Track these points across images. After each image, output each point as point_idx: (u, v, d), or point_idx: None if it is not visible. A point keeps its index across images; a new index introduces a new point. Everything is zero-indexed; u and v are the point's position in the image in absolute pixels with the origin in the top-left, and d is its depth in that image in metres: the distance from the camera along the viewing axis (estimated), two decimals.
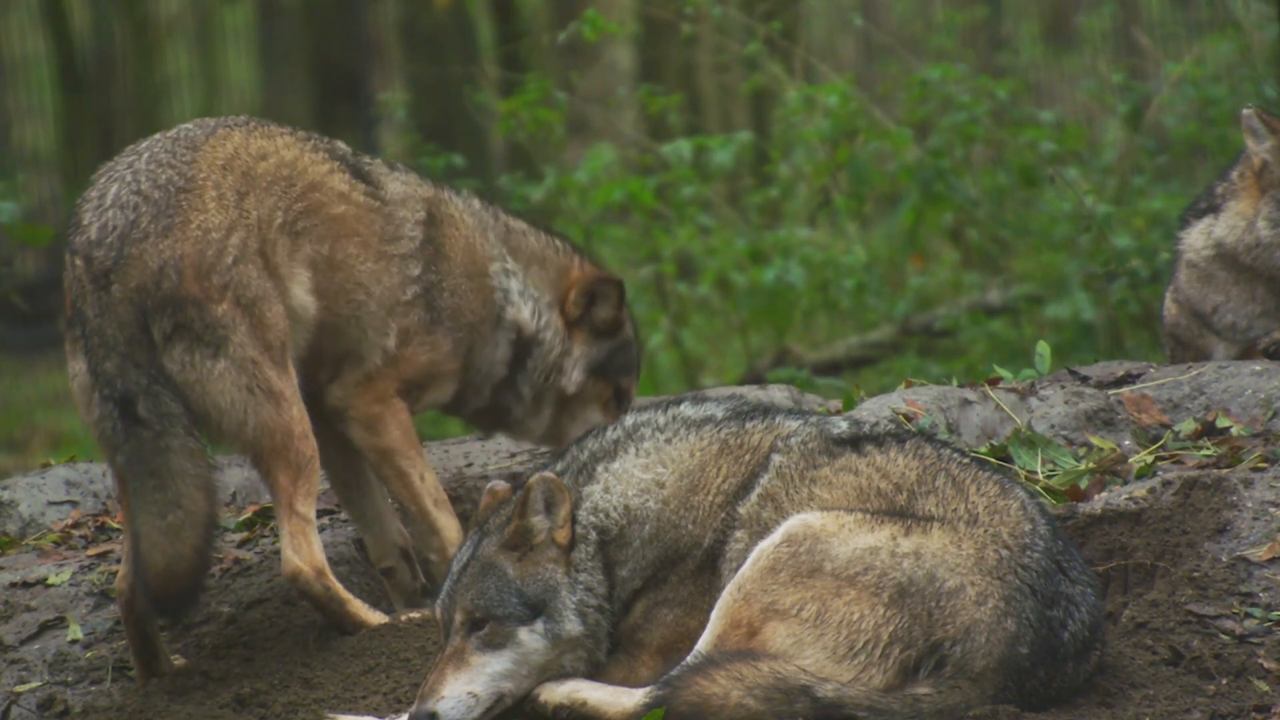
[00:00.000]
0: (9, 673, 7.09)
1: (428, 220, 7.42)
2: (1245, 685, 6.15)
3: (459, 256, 7.45)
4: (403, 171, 7.49)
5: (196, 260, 6.94)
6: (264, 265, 7.04)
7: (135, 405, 6.87)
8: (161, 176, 7.05)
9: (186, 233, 6.96)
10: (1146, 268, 13.21)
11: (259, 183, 7.10)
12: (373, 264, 7.26)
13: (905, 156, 14.51)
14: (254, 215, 7.06)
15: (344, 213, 7.24)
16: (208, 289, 6.94)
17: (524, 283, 7.57)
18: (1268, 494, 6.78)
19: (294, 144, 7.24)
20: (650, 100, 15.22)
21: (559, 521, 6.12)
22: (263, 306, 7.00)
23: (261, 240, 7.05)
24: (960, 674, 5.85)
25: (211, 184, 7.03)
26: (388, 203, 7.36)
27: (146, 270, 6.92)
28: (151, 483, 6.84)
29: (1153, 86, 15.18)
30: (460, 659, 6.03)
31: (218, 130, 7.19)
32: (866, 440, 6.20)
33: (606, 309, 7.64)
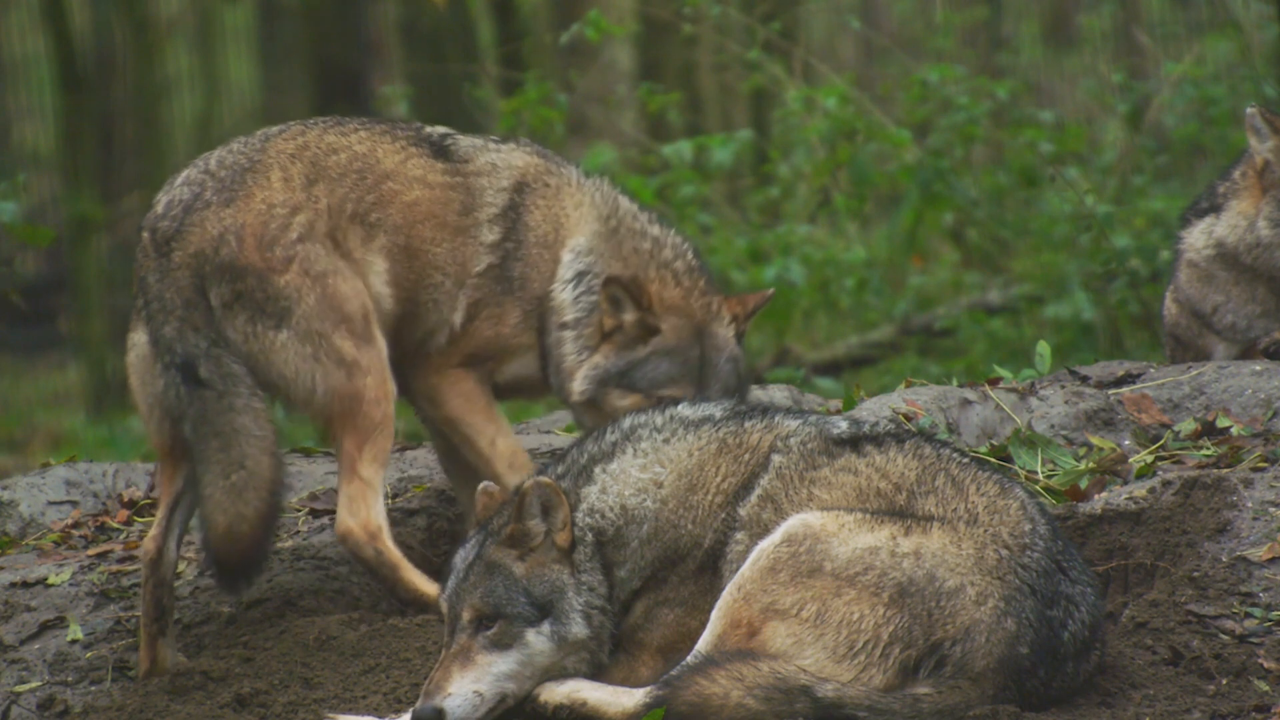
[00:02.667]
0: (9, 673, 7.09)
1: (515, 187, 7.35)
2: (1245, 685, 6.15)
3: (540, 226, 7.37)
4: (511, 145, 7.43)
5: (258, 231, 6.98)
6: (334, 248, 7.05)
7: (197, 368, 6.91)
8: (230, 159, 7.16)
9: (249, 205, 7.03)
10: (1146, 268, 13.21)
11: (329, 173, 7.14)
12: (449, 243, 7.24)
13: (905, 156, 14.52)
14: (323, 202, 7.09)
15: (419, 197, 7.22)
16: (270, 260, 6.96)
17: (590, 270, 7.40)
18: (1268, 494, 6.78)
19: (368, 137, 7.25)
20: (650, 99, 15.22)
21: (557, 524, 6.12)
22: (336, 280, 7.02)
23: (331, 226, 7.07)
24: (960, 674, 5.85)
25: (278, 166, 7.10)
26: (469, 175, 7.32)
27: (206, 236, 6.99)
28: (215, 443, 6.87)
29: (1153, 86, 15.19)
30: (467, 657, 6.03)
31: (292, 127, 7.26)
32: (866, 440, 6.20)
33: (627, 312, 7.42)
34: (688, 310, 7.50)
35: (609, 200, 7.49)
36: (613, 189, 7.54)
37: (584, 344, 7.43)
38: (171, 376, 6.95)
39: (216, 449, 6.88)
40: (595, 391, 7.42)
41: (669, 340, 7.46)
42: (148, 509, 8.31)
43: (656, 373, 7.44)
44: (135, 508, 8.31)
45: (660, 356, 7.45)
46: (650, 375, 7.43)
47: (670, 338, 7.46)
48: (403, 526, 7.71)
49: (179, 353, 6.93)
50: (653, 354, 7.44)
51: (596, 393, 7.42)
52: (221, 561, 6.88)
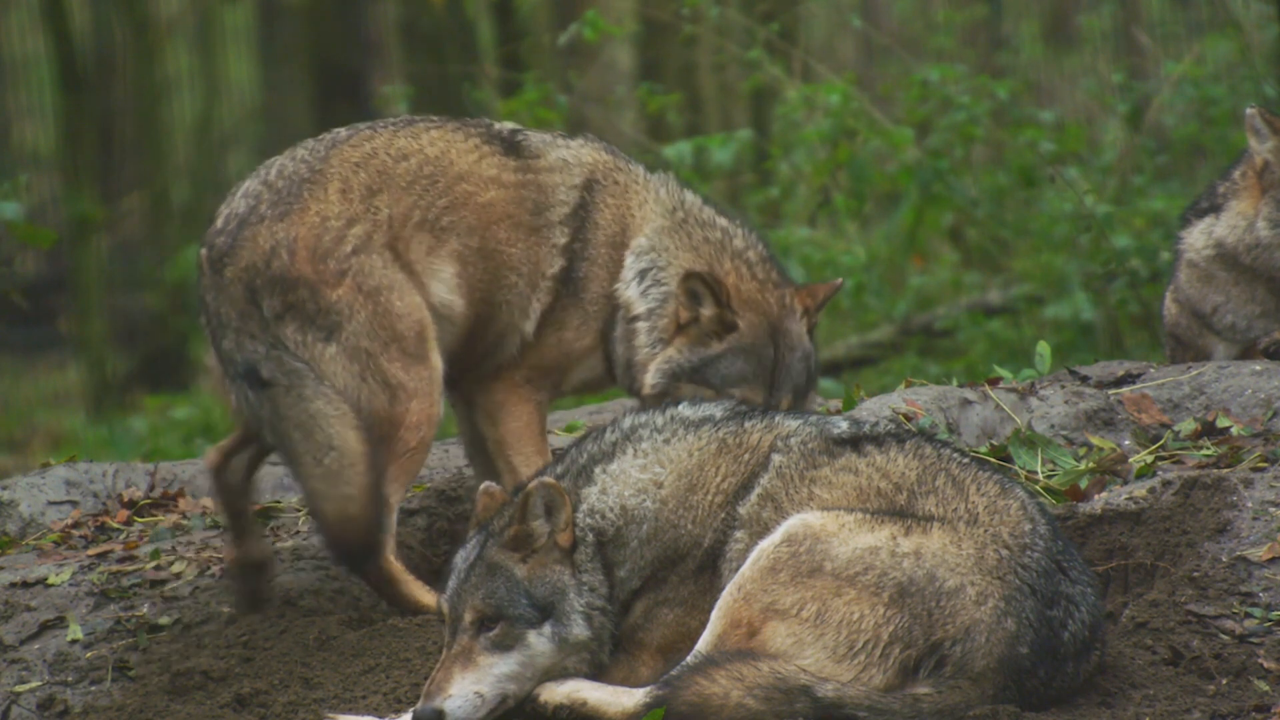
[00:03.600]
0: (9, 673, 7.09)
1: (585, 185, 7.32)
2: (1245, 685, 6.15)
3: (609, 225, 7.34)
4: (580, 141, 7.40)
5: (311, 243, 6.97)
6: (393, 260, 7.03)
7: (259, 371, 6.92)
8: (290, 169, 7.13)
9: (303, 218, 7.01)
10: (1146, 268, 13.21)
11: (397, 181, 7.10)
12: (523, 243, 7.22)
13: (905, 156, 14.52)
14: (385, 213, 7.07)
15: (493, 198, 7.19)
16: (322, 272, 6.95)
17: (655, 265, 7.34)
18: (1268, 494, 6.78)
19: (440, 139, 7.21)
20: (650, 99, 15.22)
21: (560, 525, 6.12)
22: (390, 296, 6.99)
23: (391, 237, 7.04)
24: (960, 674, 5.85)
25: (339, 177, 7.07)
26: (540, 172, 7.28)
27: (257, 250, 6.98)
28: (297, 435, 6.87)
29: (1153, 86, 15.19)
30: (468, 658, 6.03)
31: (363, 130, 7.22)
32: (866, 440, 6.20)
33: (706, 306, 7.33)
34: (763, 305, 7.42)
35: (674, 195, 7.45)
36: (678, 184, 7.51)
37: (657, 336, 7.36)
38: (238, 387, 6.97)
39: (300, 440, 6.87)
40: (667, 385, 7.35)
41: (745, 338, 7.39)
42: (148, 509, 8.31)
43: (730, 370, 7.36)
44: (135, 508, 8.31)
45: (735, 354, 7.38)
46: (724, 372, 7.36)
47: (746, 335, 7.38)
48: (403, 527, 7.71)
49: (239, 361, 6.94)
50: (728, 351, 7.37)
51: (669, 387, 7.35)
52: (343, 547, 6.86)
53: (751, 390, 7.34)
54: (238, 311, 6.93)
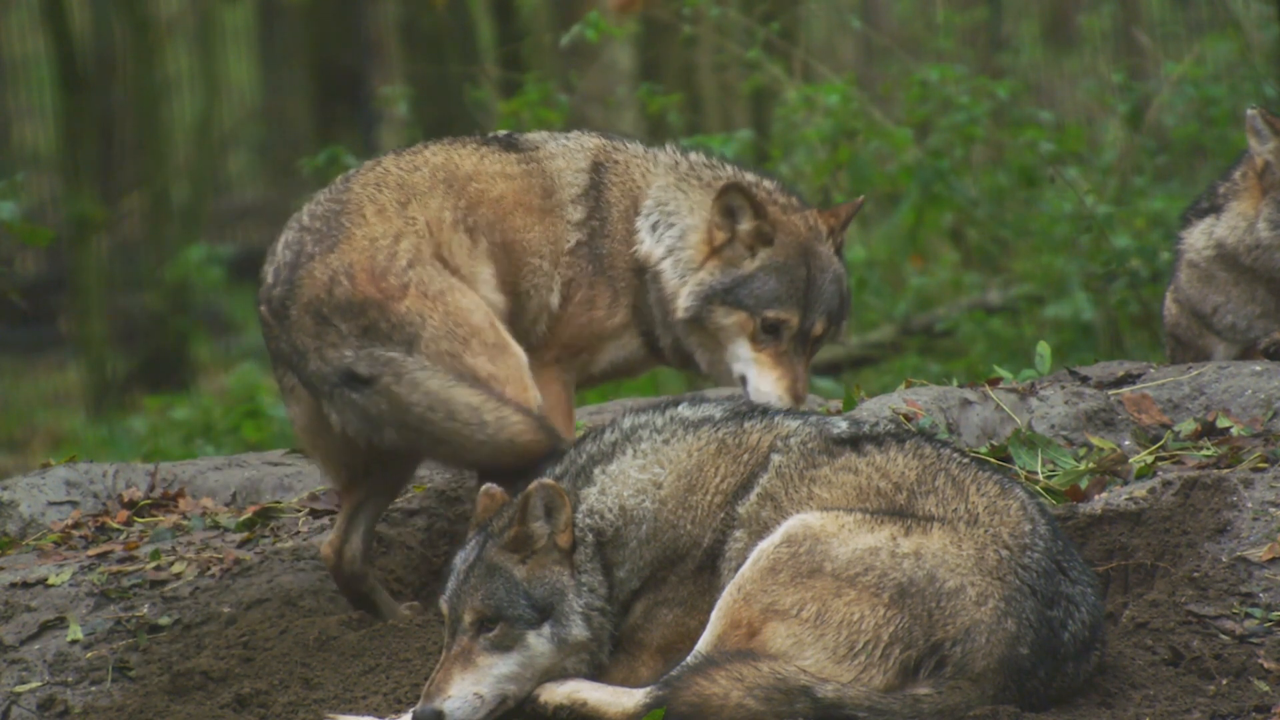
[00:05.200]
0: (9, 673, 7.09)
1: (592, 167, 7.37)
2: (1245, 685, 6.15)
3: (620, 201, 7.36)
4: (572, 133, 7.46)
5: (368, 265, 7.02)
6: (444, 266, 7.06)
7: (356, 370, 6.92)
8: (320, 209, 7.19)
9: (352, 244, 7.06)
10: (1146, 268, 13.20)
11: (418, 189, 7.17)
12: (539, 225, 7.26)
13: (905, 156, 14.51)
14: (421, 220, 7.12)
15: (503, 190, 7.24)
16: (386, 289, 6.99)
17: (664, 213, 7.35)
18: (1268, 494, 6.78)
19: (440, 150, 7.30)
20: (650, 100, 15.22)
21: (560, 526, 6.12)
22: (455, 295, 7.02)
23: (436, 244, 7.09)
24: (960, 674, 5.85)
25: (368, 200, 7.13)
26: (543, 160, 7.34)
27: (317, 283, 7.02)
28: (439, 414, 6.85)
29: (1153, 86, 15.18)
30: (467, 659, 6.03)
31: (366, 163, 7.31)
32: (866, 440, 6.20)
33: (744, 220, 7.30)
34: (792, 225, 7.39)
35: (674, 155, 7.50)
36: (678, 148, 7.54)
37: (685, 267, 7.34)
38: (342, 397, 6.96)
39: (444, 418, 6.84)
40: (700, 308, 7.31)
41: (778, 255, 7.34)
42: (148, 509, 8.31)
43: (764, 289, 7.31)
44: (135, 508, 8.31)
45: (769, 272, 7.33)
46: (757, 292, 7.31)
47: (779, 253, 7.33)
48: (403, 527, 7.71)
49: (331, 370, 6.96)
50: (760, 269, 7.33)
51: (701, 309, 7.31)
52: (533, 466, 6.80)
53: (786, 310, 7.30)
54: (312, 335, 6.97)
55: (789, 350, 7.30)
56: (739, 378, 7.33)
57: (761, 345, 7.31)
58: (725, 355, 7.35)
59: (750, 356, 7.30)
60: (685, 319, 7.32)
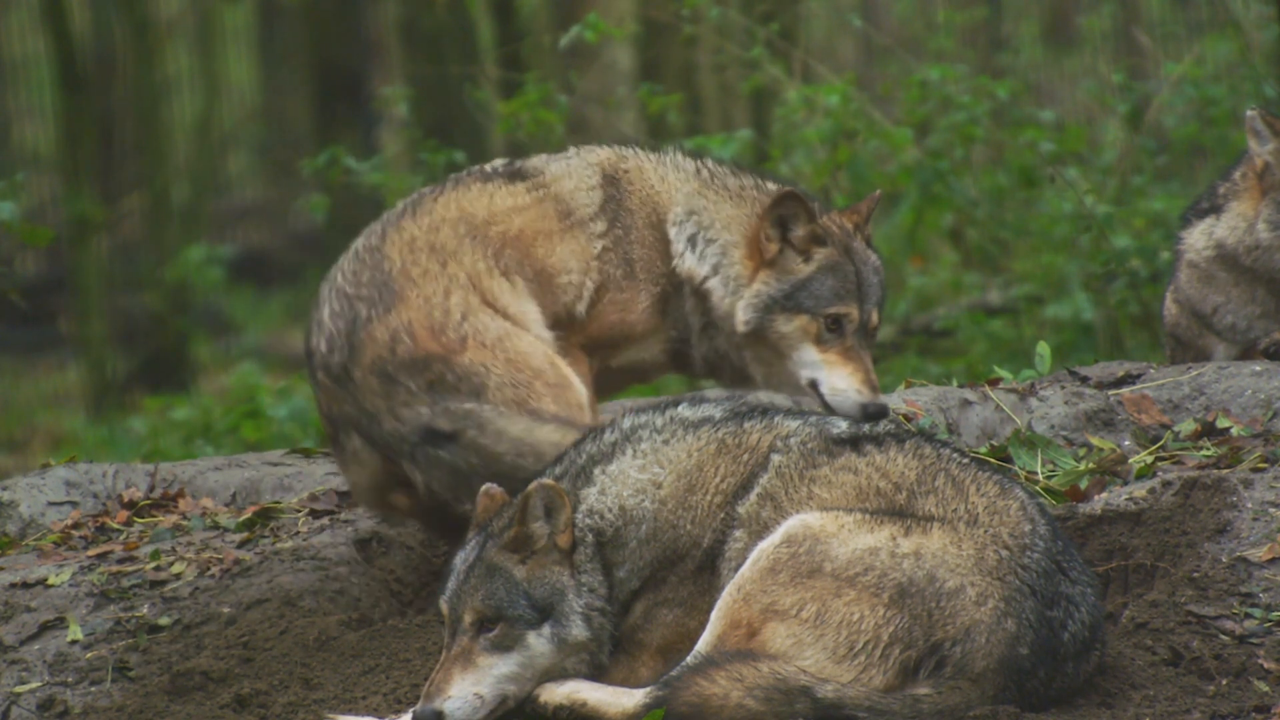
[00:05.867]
0: (9, 673, 7.09)
1: (605, 180, 7.38)
2: (1245, 686, 6.15)
3: (640, 209, 7.37)
4: (573, 151, 7.47)
5: (426, 322, 7.08)
6: (496, 314, 7.10)
7: (437, 428, 6.99)
8: (363, 275, 7.23)
9: (407, 304, 7.12)
10: (1146, 268, 13.21)
11: (448, 249, 7.20)
12: (561, 245, 7.27)
13: (905, 157, 14.51)
14: (462, 275, 7.17)
15: (522, 223, 7.28)
16: (447, 344, 7.05)
17: (700, 226, 7.37)
18: (1268, 494, 6.78)
19: (449, 199, 7.31)
20: (650, 100, 15.22)
21: (560, 526, 6.13)
22: (512, 341, 7.09)
23: (481, 294, 7.13)
24: (960, 674, 5.85)
25: (410, 262, 7.18)
26: (551, 183, 7.36)
27: (378, 343, 7.09)
28: (530, 459, 6.87)
29: (1153, 86, 15.18)
30: (467, 659, 6.03)
31: (381, 229, 7.31)
32: (866, 440, 6.20)
33: (799, 227, 7.31)
34: (830, 227, 7.43)
35: (690, 161, 7.51)
36: (687, 153, 7.55)
37: (735, 284, 7.36)
38: (426, 455, 7.02)
39: (535, 461, 6.85)
40: (761, 319, 7.31)
41: (831, 255, 7.37)
42: (148, 509, 8.31)
43: (823, 289, 7.32)
44: (135, 508, 8.31)
45: (824, 272, 7.34)
46: (816, 292, 7.32)
47: (832, 253, 7.35)
48: (403, 527, 7.71)
49: (409, 431, 7.01)
50: (817, 270, 7.34)
51: (762, 320, 7.31)
52: None
53: (845, 305, 7.32)
54: (381, 395, 7.04)
55: (854, 345, 7.33)
56: (808, 383, 7.31)
57: (827, 345, 7.32)
58: (789, 364, 7.36)
59: (818, 359, 7.31)
60: (746, 332, 7.34)
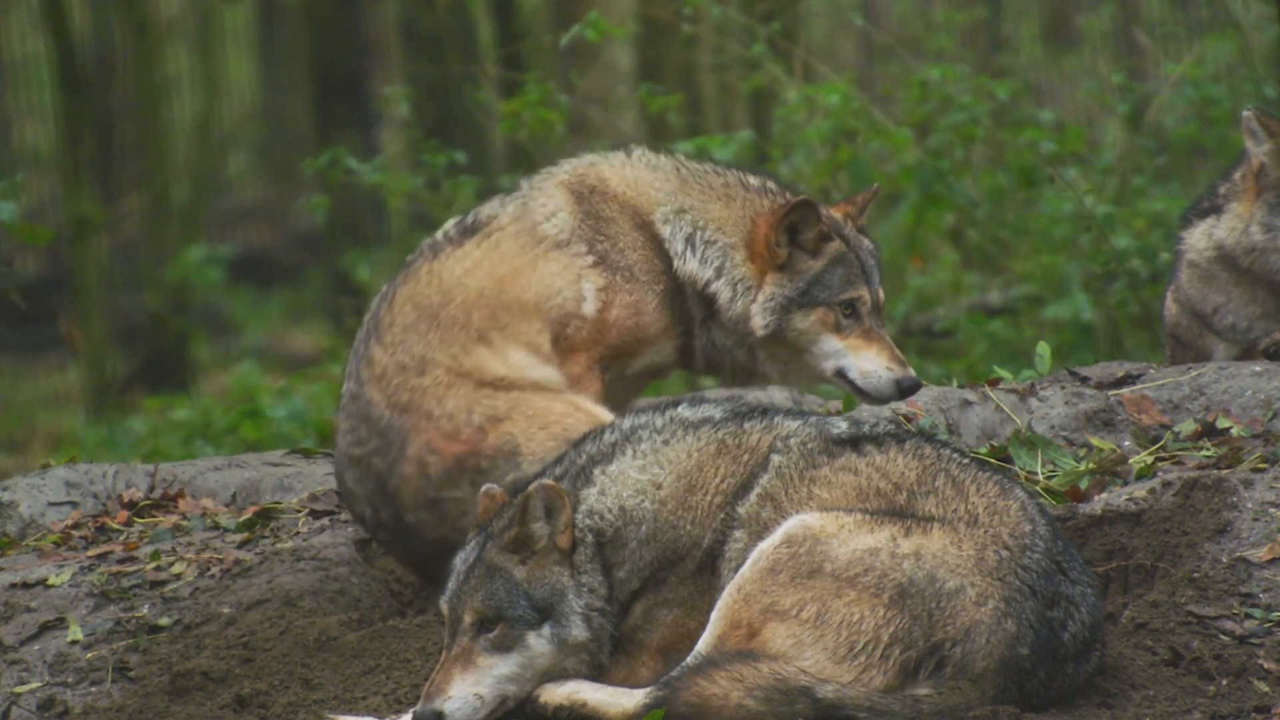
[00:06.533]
0: (9, 673, 7.09)
1: (572, 198, 7.36)
2: (1245, 686, 6.15)
3: (620, 213, 7.35)
4: (524, 184, 7.45)
5: (439, 436, 7.13)
6: (493, 388, 7.13)
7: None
8: (362, 432, 7.25)
9: (414, 432, 7.15)
10: (1146, 268, 13.21)
11: (417, 357, 7.21)
12: (539, 274, 7.27)
13: (905, 157, 14.51)
14: (442, 374, 7.18)
15: (481, 278, 7.28)
16: (469, 439, 7.11)
17: (695, 226, 7.38)
18: (1268, 495, 6.78)
19: (402, 300, 7.30)
20: (650, 100, 15.21)
21: (560, 527, 6.13)
22: (524, 400, 7.12)
23: (470, 377, 7.17)
24: (960, 675, 5.85)
25: (392, 393, 7.20)
26: (508, 225, 7.35)
27: (411, 481, 7.15)
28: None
29: (1153, 87, 15.18)
30: (467, 659, 6.04)
31: (360, 368, 7.30)
32: (866, 440, 6.20)
33: (811, 230, 7.35)
34: (831, 220, 7.51)
35: (661, 158, 7.50)
36: (659, 151, 7.55)
37: (742, 286, 7.38)
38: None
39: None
40: (779, 320, 7.34)
41: (838, 247, 7.41)
42: (148, 510, 8.31)
43: (834, 280, 7.37)
44: (135, 508, 8.31)
45: (833, 265, 7.38)
46: (830, 284, 7.36)
47: (838, 245, 7.41)
48: None
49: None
50: (827, 264, 7.39)
51: (780, 322, 7.35)
52: None
53: (856, 290, 7.38)
54: (439, 521, 7.13)
55: (871, 326, 7.39)
56: (835, 373, 7.35)
57: (846, 331, 7.36)
58: (810, 358, 7.40)
59: (840, 346, 7.35)
60: (765, 336, 7.36)
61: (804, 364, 7.41)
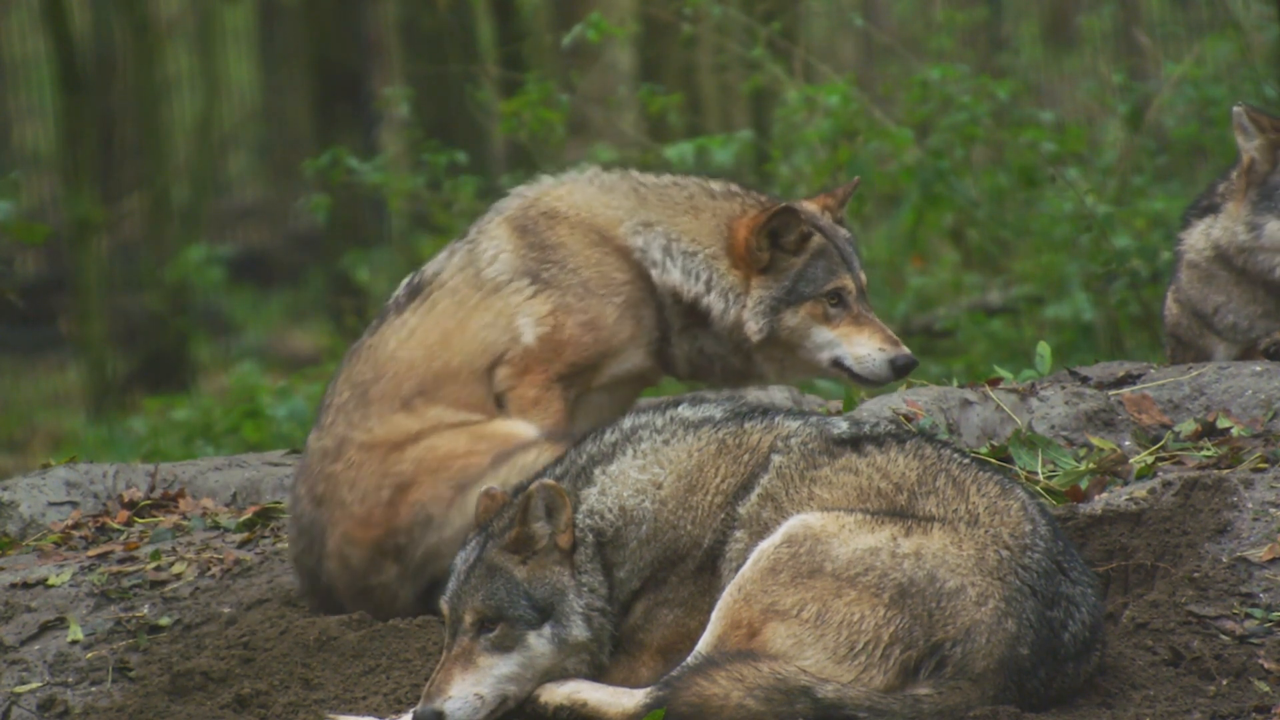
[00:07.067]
0: (9, 673, 7.09)
1: (514, 233, 7.36)
2: (1245, 686, 6.15)
3: (571, 236, 7.36)
4: (474, 229, 7.45)
5: (355, 522, 7.11)
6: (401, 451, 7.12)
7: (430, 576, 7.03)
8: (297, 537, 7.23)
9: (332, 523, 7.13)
10: (1147, 268, 13.20)
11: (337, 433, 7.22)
12: (468, 335, 7.28)
13: (905, 157, 14.51)
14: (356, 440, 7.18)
15: (416, 348, 7.27)
16: (383, 520, 7.10)
17: (669, 238, 7.39)
18: (1268, 494, 6.78)
19: (347, 371, 7.29)
20: (650, 100, 15.21)
21: (561, 526, 6.13)
22: (428, 455, 7.10)
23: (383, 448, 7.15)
24: (961, 675, 5.85)
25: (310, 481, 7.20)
26: (452, 276, 7.35)
27: (337, 575, 7.13)
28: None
29: (1153, 87, 15.18)
30: (468, 659, 6.04)
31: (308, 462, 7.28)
32: (867, 440, 6.20)
33: (793, 233, 7.38)
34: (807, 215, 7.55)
35: (610, 179, 7.51)
36: (600, 171, 7.55)
37: (732, 294, 7.41)
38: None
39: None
40: (772, 322, 7.38)
41: (818, 241, 7.45)
42: (148, 510, 8.31)
43: (818, 272, 7.41)
44: (135, 508, 8.31)
45: (815, 259, 7.42)
46: (814, 277, 7.41)
47: (818, 240, 7.45)
48: None
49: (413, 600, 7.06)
50: (809, 259, 7.43)
51: (772, 323, 7.39)
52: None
53: (840, 279, 7.41)
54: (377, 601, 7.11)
55: (860, 311, 7.42)
56: (831, 363, 7.38)
57: (836, 320, 7.40)
58: (804, 353, 7.43)
59: (832, 336, 7.39)
60: (760, 339, 7.39)
61: (800, 359, 7.44)
